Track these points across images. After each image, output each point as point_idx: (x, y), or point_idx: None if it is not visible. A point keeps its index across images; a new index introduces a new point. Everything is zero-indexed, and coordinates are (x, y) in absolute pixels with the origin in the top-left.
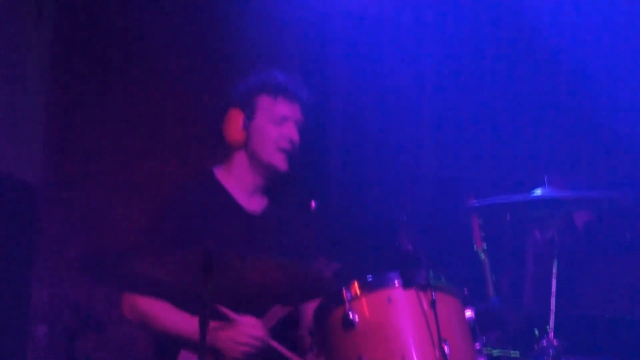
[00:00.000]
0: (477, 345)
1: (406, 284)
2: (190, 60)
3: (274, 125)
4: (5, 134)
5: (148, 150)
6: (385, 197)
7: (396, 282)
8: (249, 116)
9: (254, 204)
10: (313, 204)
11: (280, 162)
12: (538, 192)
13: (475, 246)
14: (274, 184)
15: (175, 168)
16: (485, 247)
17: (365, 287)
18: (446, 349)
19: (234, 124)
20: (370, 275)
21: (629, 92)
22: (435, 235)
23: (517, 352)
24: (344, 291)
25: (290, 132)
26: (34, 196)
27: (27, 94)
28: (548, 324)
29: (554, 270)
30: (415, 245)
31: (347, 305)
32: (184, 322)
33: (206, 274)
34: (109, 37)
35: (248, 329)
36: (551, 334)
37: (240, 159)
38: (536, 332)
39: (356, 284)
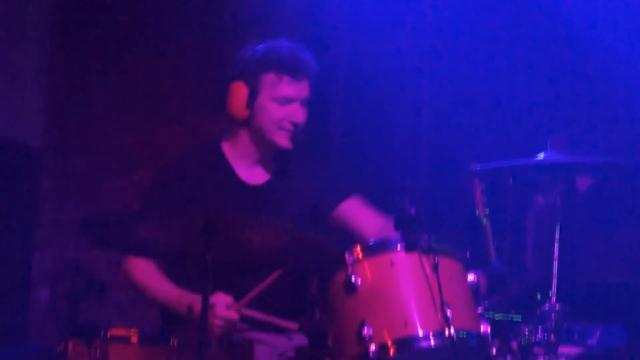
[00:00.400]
0: (479, 309)
1: (409, 248)
2: (194, 25)
3: (278, 105)
4: (5, 97)
5: (149, 115)
6: (387, 162)
7: (399, 245)
8: (253, 93)
9: (255, 176)
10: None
11: (282, 140)
12: (541, 156)
13: (477, 211)
14: (279, 156)
15: (175, 133)
16: (488, 212)
17: (368, 251)
18: (448, 312)
19: (238, 99)
20: (372, 239)
21: (634, 56)
22: (437, 199)
23: (519, 316)
24: (346, 254)
25: (294, 113)
26: (35, 160)
27: (27, 57)
28: (550, 288)
29: (556, 235)
30: (417, 209)
31: (350, 269)
32: (169, 293)
33: (207, 237)
34: (113, 1)
35: (219, 310)
36: (553, 299)
37: (243, 132)
38: (538, 296)
39: (358, 248)
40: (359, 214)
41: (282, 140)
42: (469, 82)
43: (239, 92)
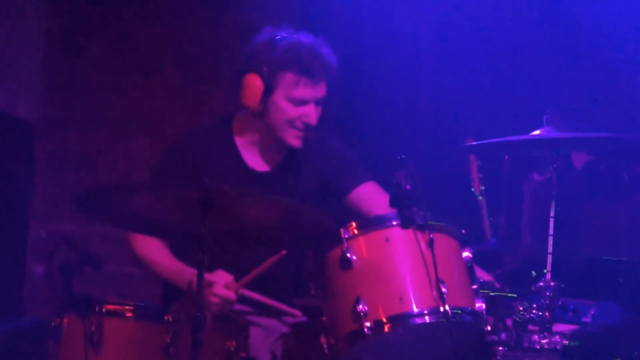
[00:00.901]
0: (474, 286)
1: (404, 224)
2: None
3: (292, 105)
4: (2, 70)
5: (146, 87)
6: (384, 137)
7: (394, 221)
8: (269, 89)
9: (262, 163)
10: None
11: (293, 140)
12: (537, 132)
13: (472, 187)
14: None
15: (173, 106)
16: (483, 188)
17: (363, 227)
18: (443, 289)
19: (252, 93)
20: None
21: (629, 32)
22: (433, 175)
23: (514, 293)
24: (342, 231)
25: (308, 114)
26: (31, 133)
27: (25, 30)
28: (545, 265)
29: (552, 212)
30: (413, 185)
31: (345, 245)
32: (170, 268)
33: (204, 210)
34: None
35: (217, 289)
36: (548, 276)
37: (254, 121)
38: (533, 273)
39: (354, 224)
40: (372, 200)
41: (293, 140)
42: (466, 58)
43: (254, 86)
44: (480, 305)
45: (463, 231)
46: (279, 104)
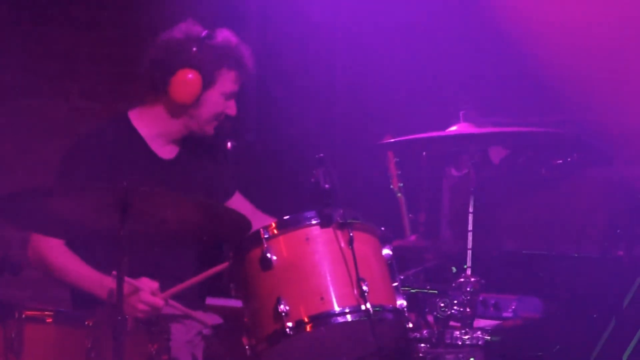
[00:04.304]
0: (395, 284)
1: (324, 223)
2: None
3: (223, 99)
4: None
5: (61, 90)
6: (301, 136)
7: (314, 220)
8: (206, 85)
9: (167, 150)
10: (229, 144)
11: (210, 130)
12: (454, 128)
13: (391, 184)
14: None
15: (88, 108)
16: (402, 185)
17: (283, 226)
18: (364, 287)
19: (190, 88)
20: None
21: (544, 25)
22: (351, 173)
23: (435, 290)
24: (261, 230)
25: (232, 107)
26: None
27: None
28: (465, 261)
29: (471, 207)
30: (332, 184)
31: (265, 245)
32: (89, 277)
33: (123, 212)
34: None
35: (145, 296)
36: (468, 271)
37: (166, 110)
38: (453, 269)
39: (273, 224)
40: (243, 207)
41: (210, 130)
42: (382, 55)
43: (193, 82)
44: (401, 302)
45: (382, 229)
46: (214, 98)
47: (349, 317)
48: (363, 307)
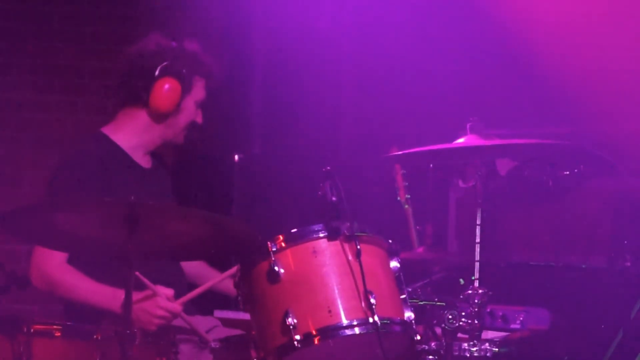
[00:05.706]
0: (403, 296)
1: (331, 236)
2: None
3: (195, 108)
4: None
5: (67, 104)
6: (308, 149)
7: (321, 233)
8: (184, 93)
9: (145, 160)
10: (236, 157)
11: (182, 139)
12: (461, 140)
13: (398, 196)
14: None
15: (94, 122)
16: (409, 197)
17: (290, 239)
18: (372, 300)
19: (171, 96)
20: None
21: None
22: (358, 186)
23: (443, 302)
24: (269, 244)
25: (200, 115)
26: None
27: None
28: (473, 273)
29: (478, 219)
30: (339, 196)
31: (273, 258)
32: (101, 292)
33: (129, 227)
34: None
35: (163, 302)
36: (476, 283)
37: (143, 122)
38: (461, 281)
39: (281, 237)
40: None
41: (182, 140)
42: (389, 68)
43: (174, 89)
44: (409, 314)
45: (390, 241)
46: (189, 106)
47: (356, 330)
48: (371, 320)
